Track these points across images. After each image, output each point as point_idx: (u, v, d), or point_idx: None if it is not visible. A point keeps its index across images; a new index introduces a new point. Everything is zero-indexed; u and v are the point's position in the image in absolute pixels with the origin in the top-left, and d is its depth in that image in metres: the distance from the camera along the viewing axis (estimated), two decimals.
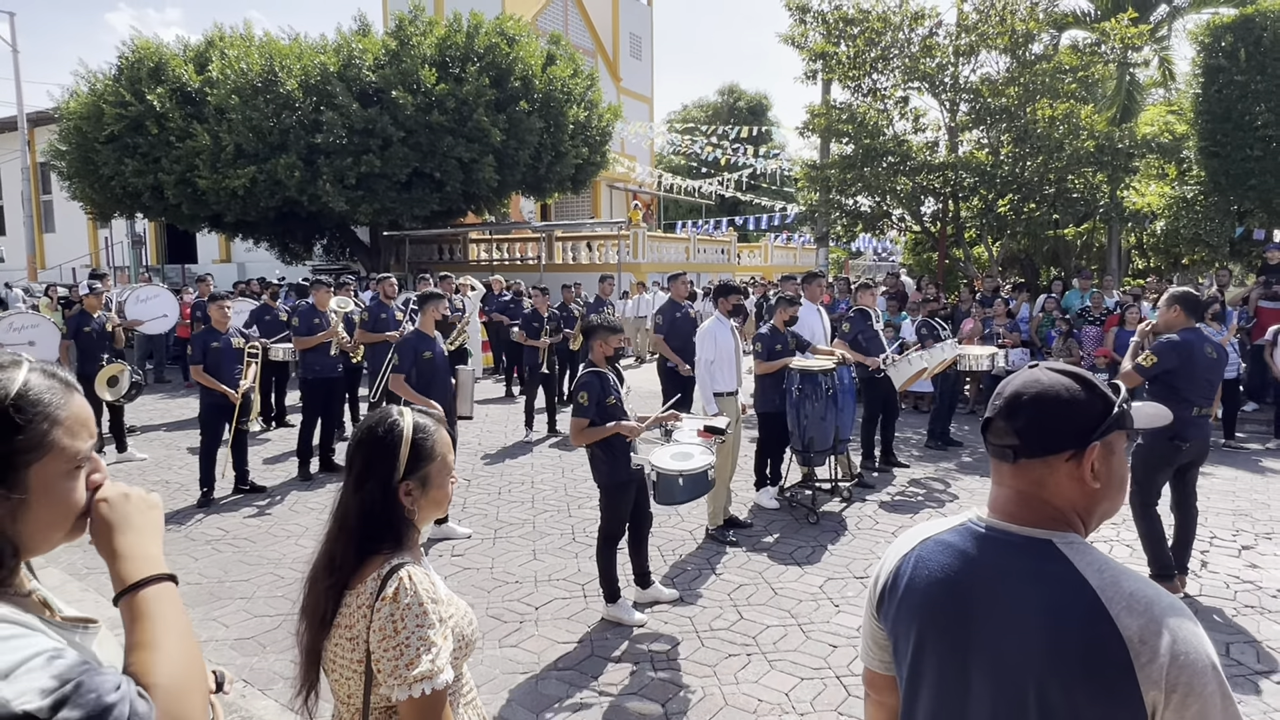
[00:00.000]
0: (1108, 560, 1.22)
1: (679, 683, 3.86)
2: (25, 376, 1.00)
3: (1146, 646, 1.11)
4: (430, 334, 6.10)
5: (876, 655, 1.51)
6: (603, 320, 4.60)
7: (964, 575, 1.29)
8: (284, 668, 4.00)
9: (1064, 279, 14.03)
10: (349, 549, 1.64)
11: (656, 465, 4.51)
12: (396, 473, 1.65)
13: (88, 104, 16.90)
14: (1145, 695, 1.11)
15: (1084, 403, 1.25)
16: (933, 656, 1.32)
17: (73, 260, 26.31)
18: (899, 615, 1.38)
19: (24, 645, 0.88)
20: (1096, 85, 14.09)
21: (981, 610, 1.25)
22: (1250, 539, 5.79)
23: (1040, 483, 1.27)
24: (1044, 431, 1.25)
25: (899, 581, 1.39)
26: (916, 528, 1.45)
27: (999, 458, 1.32)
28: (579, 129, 18.48)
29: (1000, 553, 1.28)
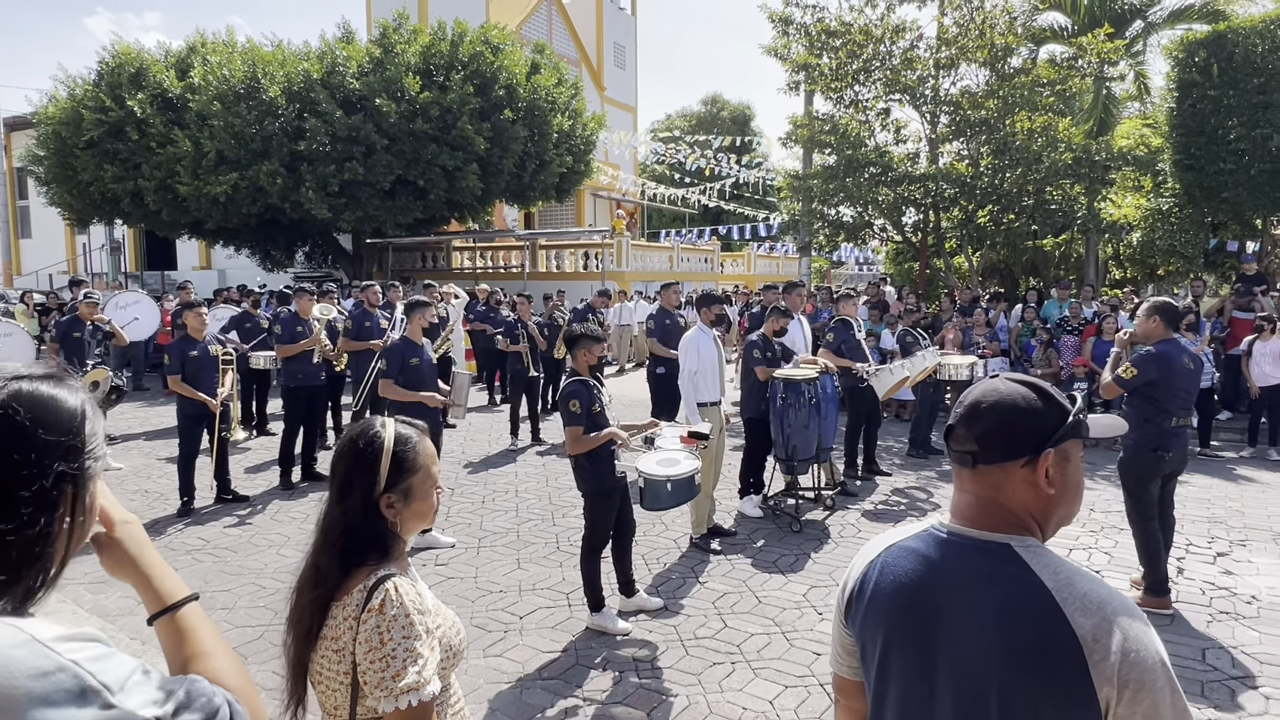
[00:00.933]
0: (1063, 562, 1.27)
1: (663, 691, 3.87)
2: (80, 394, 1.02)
3: (1099, 644, 1.16)
4: (418, 341, 6.11)
5: (845, 661, 1.53)
6: (585, 330, 4.62)
7: (927, 580, 1.33)
8: (266, 678, 3.97)
9: (1042, 289, 14.21)
10: (333, 562, 1.64)
11: (643, 471, 4.53)
12: (378, 485, 1.65)
13: (67, 109, 16.75)
14: (1099, 691, 1.15)
15: (1040, 411, 1.31)
16: (898, 661, 1.35)
17: (50, 266, 25.99)
18: (865, 621, 1.41)
19: (122, 662, 0.91)
20: (1074, 99, 14.30)
21: (943, 614, 1.29)
22: (1225, 546, 5.89)
23: (997, 487, 1.31)
24: (1001, 438, 1.31)
25: (865, 587, 1.42)
26: (883, 534, 1.48)
27: (959, 463, 1.37)
28: (563, 138, 18.51)
29: (961, 557, 1.32)
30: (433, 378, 6.19)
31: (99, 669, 0.89)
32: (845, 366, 7.43)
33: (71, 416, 0.99)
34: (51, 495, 0.96)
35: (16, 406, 0.95)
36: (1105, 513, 6.62)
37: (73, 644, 0.90)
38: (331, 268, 21.68)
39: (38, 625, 0.92)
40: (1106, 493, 7.20)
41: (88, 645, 0.91)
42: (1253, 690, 3.87)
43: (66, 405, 0.99)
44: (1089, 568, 5.42)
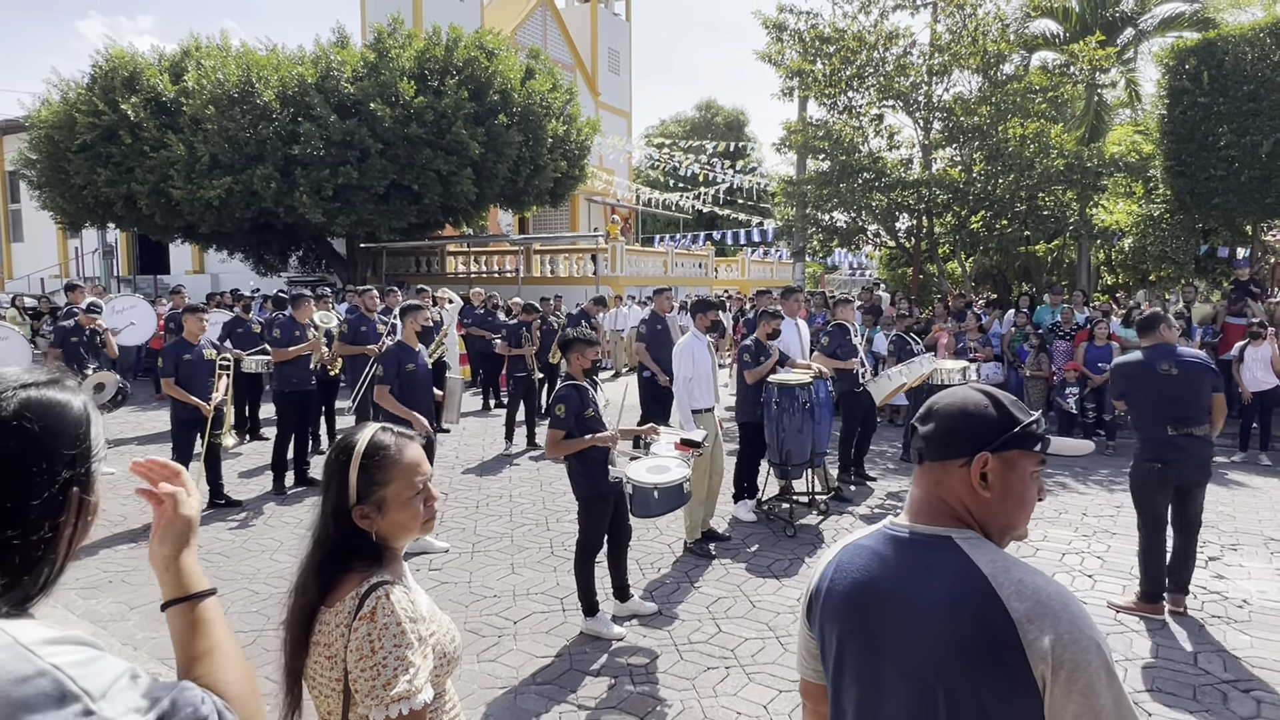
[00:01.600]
0: (1002, 553, 1.32)
1: (657, 696, 3.87)
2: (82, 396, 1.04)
3: (1033, 625, 1.19)
4: (413, 346, 6.10)
5: (809, 664, 1.55)
6: (579, 333, 4.62)
7: (876, 576, 1.37)
8: (259, 684, 3.96)
9: (1035, 294, 14.28)
10: (313, 570, 1.64)
11: (632, 478, 4.53)
12: (348, 497, 1.63)
13: (60, 113, 16.70)
14: (1034, 671, 1.19)
15: (985, 417, 1.36)
16: (852, 657, 1.39)
17: (42, 270, 25.88)
18: (823, 620, 1.44)
19: (108, 666, 0.91)
20: (1066, 105, 14.41)
21: (890, 608, 1.33)
22: (1216, 550, 5.91)
23: (938, 483, 1.37)
24: (943, 437, 1.37)
25: (822, 586, 1.46)
26: (843, 538, 1.51)
27: (914, 460, 1.45)
28: (557, 143, 18.54)
29: (905, 551, 1.36)
30: (428, 383, 6.18)
31: (81, 674, 0.88)
32: (842, 369, 7.47)
33: (78, 422, 1.00)
34: (59, 501, 0.97)
35: (28, 415, 0.96)
36: (1098, 517, 6.64)
37: (57, 647, 0.90)
38: (325, 272, 21.65)
39: (22, 628, 0.92)
40: (1099, 497, 7.22)
41: (73, 649, 0.91)
42: (1244, 694, 3.88)
43: (73, 411, 1.00)
44: (1081, 572, 5.45)
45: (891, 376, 7.29)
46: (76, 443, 0.99)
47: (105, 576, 5.42)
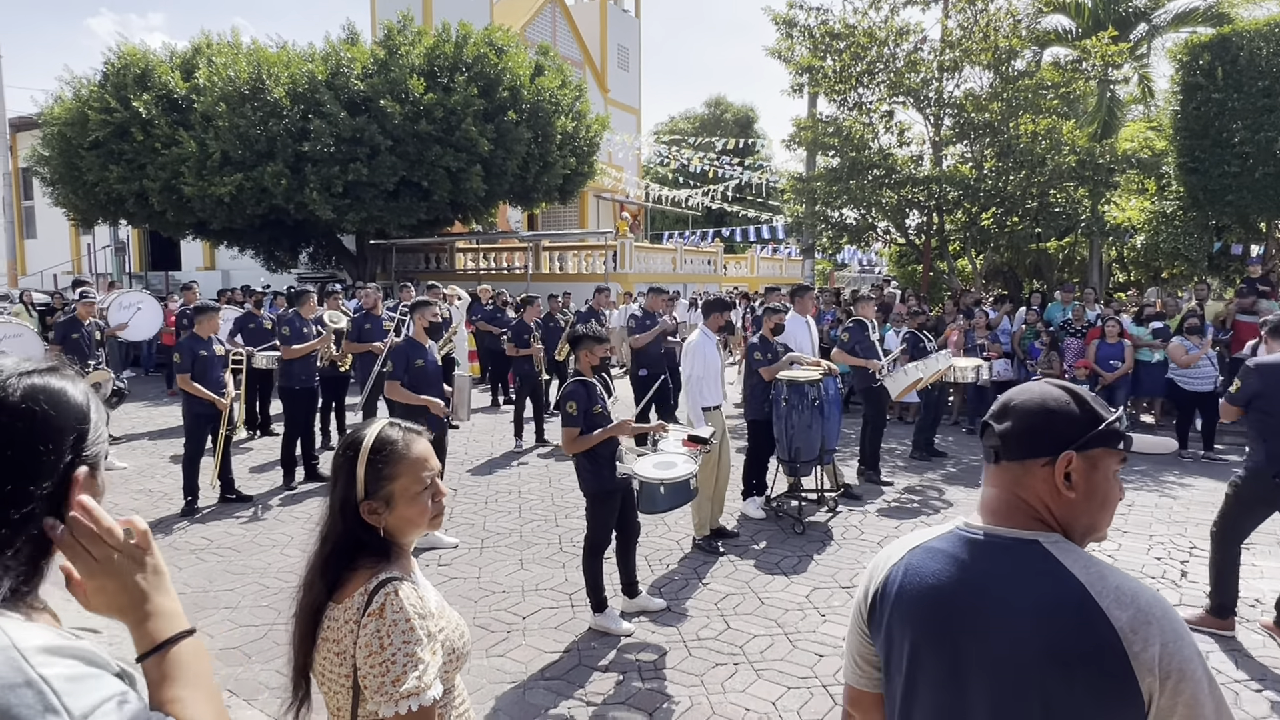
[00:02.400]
0: (1092, 557, 1.27)
1: (665, 692, 3.87)
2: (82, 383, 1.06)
3: (1138, 636, 1.16)
4: (423, 342, 6.13)
5: (864, 672, 1.49)
6: (588, 330, 4.65)
7: (955, 580, 1.31)
8: (269, 678, 3.98)
9: (1046, 292, 14.19)
10: (322, 564, 1.64)
11: (639, 474, 4.54)
12: (355, 492, 1.63)
13: (72, 110, 16.80)
14: (1141, 684, 1.15)
15: (1068, 414, 1.30)
16: (928, 665, 1.32)
17: (54, 267, 26.05)
18: (891, 625, 1.38)
19: (98, 687, 0.90)
20: (1078, 101, 14.30)
21: (974, 614, 1.27)
22: None
23: (1018, 484, 1.32)
24: (1023, 435, 1.31)
25: (889, 591, 1.39)
26: (904, 538, 1.46)
27: (986, 458, 1.38)
28: (567, 139, 18.54)
29: (989, 556, 1.30)
30: (438, 379, 6.20)
31: (68, 689, 0.88)
32: (860, 366, 7.49)
33: (80, 407, 1.03)
34: (64, 483, 0.99)
35: (36, 399, 0.99)
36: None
37: (52, 658, 0.90)
38: (335, 269, 21.72)
39: (24, 631, 0.92)
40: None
41: (68, 663, 0.91)
42: (1257, 694, 3.86)
43: (74, 397, 1.03)
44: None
45: (908, 372, 7.29)
46: (80, 425, 1.02)
47: None
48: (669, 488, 4.48)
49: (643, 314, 8.43)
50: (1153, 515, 6.72)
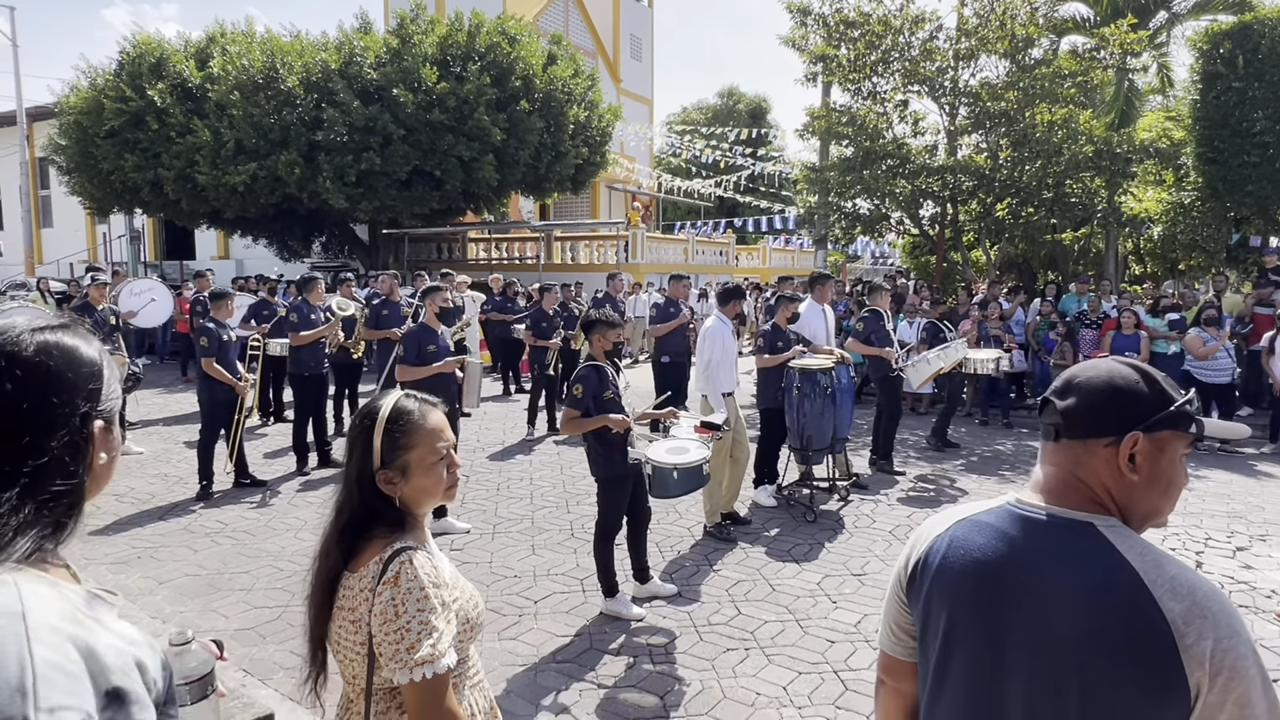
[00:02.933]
0: (1149, 545, 1.22)
1: (676, 676, 3.88)
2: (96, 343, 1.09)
3: (1191, 629, 1.12)
4: (435, 328, 6.15)
5: (899, 640, 1.48)
6: (602, 315, 4.64)
7: (1001, 556, 1.28)
8: (284, 658, 4.02)
9: (1061, 283, 14.09)
10: (338, 534, 1.65)
11: (651, 458, 4.54)
12: (372, 462, 1.64)
13: (88, 99, 16.88)
14: (1190, 677, 1.12)
15: (1137, 394, 1.26)
16: (965, 638, 1.31)
17: (70, 255, 26.26)
18: (931, 595, 1.36)
19: (77, 693, 0.89)
20: (1095, 91, 14.16)
21: (1020, 591, 1.25)
22: (1245, 540, 5.83)
23: (1078, 463, 1.27)
24: (1087, 413, 1.27)
25: (931, 561, 1.36)
26: (950, 509, 1.43)
27: (1044, 435, 1.34)
28: (579, 129, 18.50)
29: (1040, 534, 1.27)
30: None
31: (48, 676, 0.87)
32: (876, 356, 7.47)
33: (92, 362, 1.05)
34: (81, 435, 1.01)
35: (49, 353, 1.00)
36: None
37: (56, 640, 0.89)
38: (348, 258, 21.80)
39: (42, 603, 0.92)
40: None
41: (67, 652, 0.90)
42: (1274, 684, 3.83)
43: (88, 352, 1.06)
44: None
45: (930, 360, 7.27)
46: (93, 379, 1.04)
47: (134, 552, 5.51)
48: (682, 473, 4.47)
49: (665, 301, 8.45)
50: None
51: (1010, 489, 1.38)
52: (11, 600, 0.90)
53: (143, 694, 0.97)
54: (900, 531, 5.96)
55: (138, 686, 0.97)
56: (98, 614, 1.00)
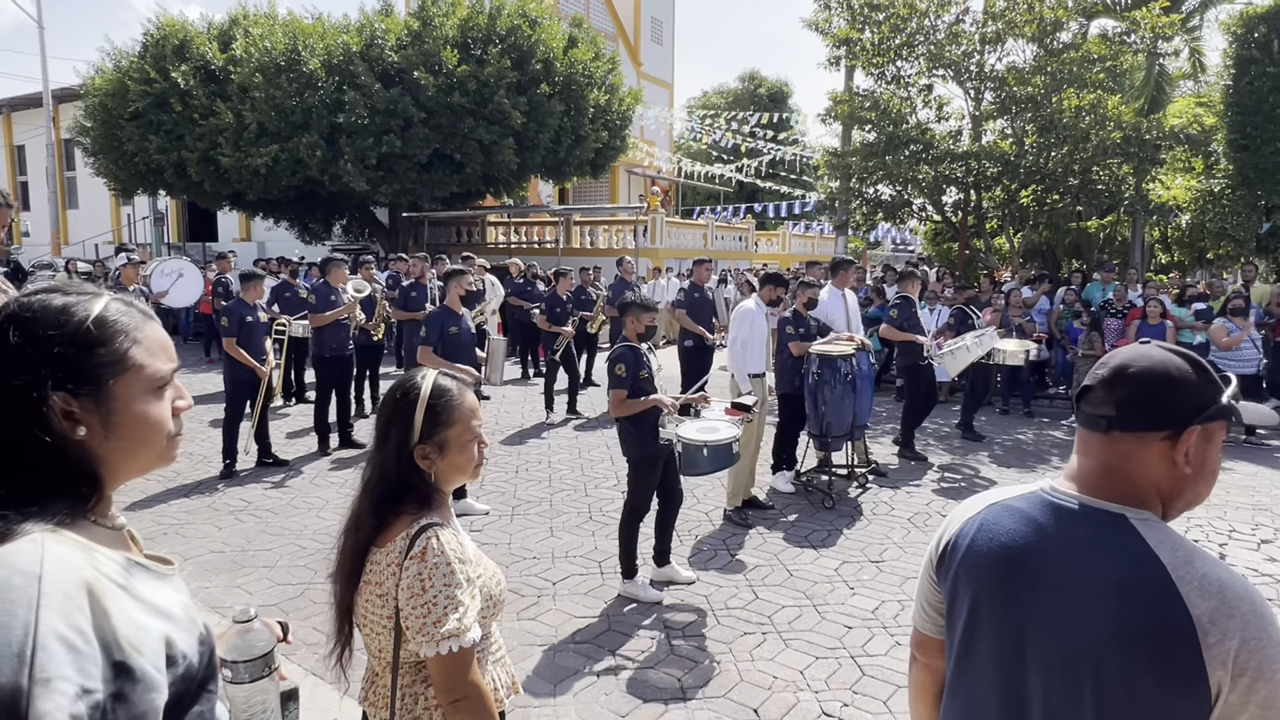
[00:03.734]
0: (1183, 540, 1.20)
1: (695, 658, 3.90)
2: (105, 303, 1.05)
3: (1216, 628, 1.11)
4: (457, 310, 6.17)
5: (929, 618, 1.49)
6: (637, 298, 4.68)
7: (1030, 542, 1.28)
8: (306, 634, 4.08)
9: (1085, 272, 13.91)
10: (367, 508, 1.67)
11: (682, 436, 4.56)
12: (412, 436, 1.66)
13: (112, 81, 17.01)
14: (1210, 676, 1.10)
15: (1193, 385, 1.22)
16: (988, 620, 1.31)
17: (96, 237, 26.57)
18: (958, 576, 1.37)
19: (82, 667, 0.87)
20: (1125, 75, 13.89)
21: (1045, 578, 1.24)
22: (1270, 533, 5.76)
23: (1128, 458, 1.24)
24: (1144, 406, 1.23)
25: (961, 543, 1.37)
26: (985, 493, 1.43)
27: (1090, 427, 1.28)
28: (599, 113, 18.42)
29: (1070, 523, 1.26)
30: (471, 347, 6.26)
31: (48, 647, 0.85)
32: (908, 341, 7.44)
33: (79, 324, 1.00)
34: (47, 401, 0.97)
35: (21, 316, 0.99)
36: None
37: (66, 609, 0.88)
38: (368, 241, 21.90)
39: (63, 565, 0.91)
40: None
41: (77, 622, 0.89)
42: None
43: (75, 314, 1.01)
44: None
45: (970, 348, 7.21)
46: (75, 345, 0.99)
47: (160, 528, 5.60)
48: (711, 450, 4.47)
49: (690, 286, 8.50)
50: None
51: (1031, 478, 1.37)
52: (33, 562, 0.89)
53: (153, 675, 0.94)
54: (919, 519, 5.94)
55: (148, 667, 0.94)
56: (132, 583, 0.99)
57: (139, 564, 1.04)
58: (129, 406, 1.03)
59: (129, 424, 1.03)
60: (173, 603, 1.05)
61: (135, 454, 1.06)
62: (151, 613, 0.99)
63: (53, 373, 0.98)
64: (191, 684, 1.02)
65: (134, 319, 1.06)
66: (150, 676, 0.94)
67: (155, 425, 1.06)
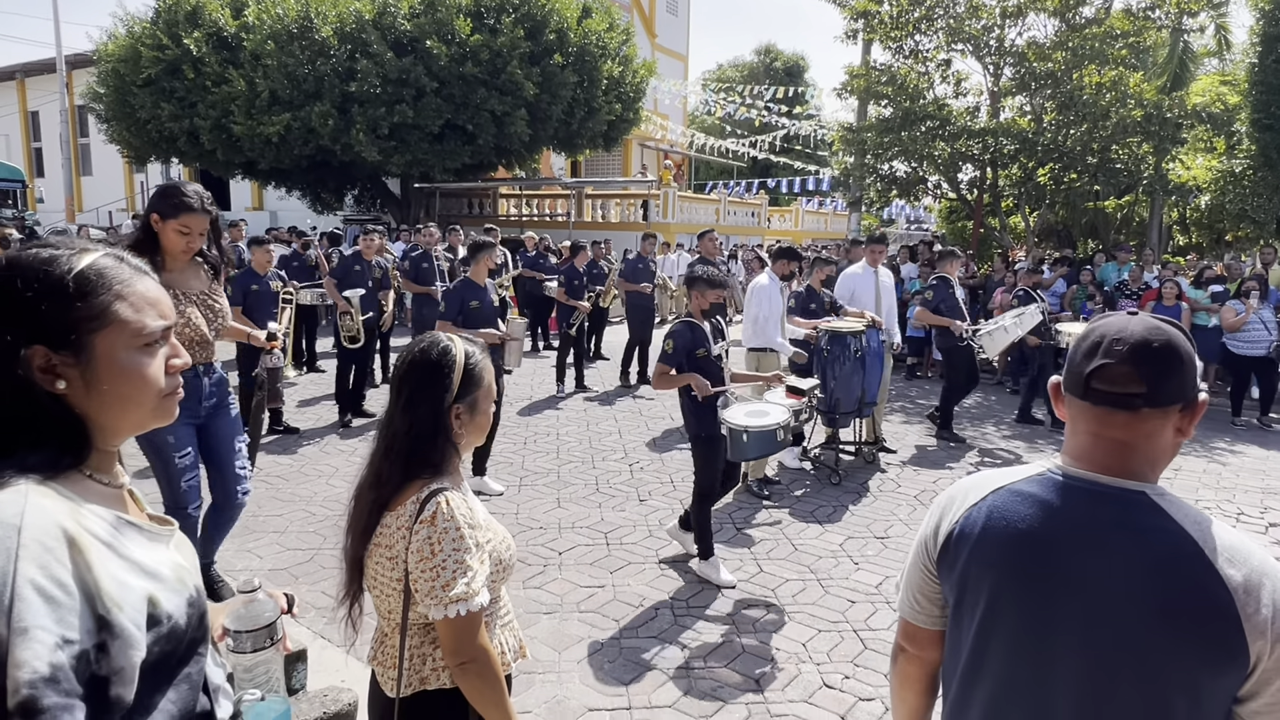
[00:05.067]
0: (1200, 511, 1.22)
1: (696, 629, 3.94)
2: (93, 257, 1.03)
3: (1251, 598, 1.11)
4: (480, 283, 5.86)
5: (923, 609, 1.43)
6: (705, 273, 4.45)
7: (1052, 527, 1.25)
8: (315, 598, 4.14)
9: (1103, 252, 13.77)
10: (395, 468, 1.67)
11: (727, 420, 4.40)
12: (449, 396, 1.68)
13: (125, 47, 16.97)
14: (1251, 646, 1.11)
15: (1192, 357, 1.25)
16: (1012, 611, 1.27)
17: (109, 204, 26.67)
18: (969, 569, 1.31)
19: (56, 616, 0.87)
20: (1148, 52, 13.65)
21: (1073, 564, 1.21)
22: (1278, 517, 5.75)
23: (1151, 434, 1.23)
24: (1172, 380, 1.22)
25: (969, 532, 1.31)
26: (981, 476, 1.38)
27: (1118, 405, 1.23)
28: (612, 85, 18.26)
29: (1091, 505, 1.24)
30: (492, 321, 5.97)
31: (26, 597, 0.86)
32: (943, 325, 7.32)
33: (60, 278, 0.99)
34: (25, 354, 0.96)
35: (6, 269, 0.99)
36: None
37: (46, 560, 0.88)
38: (380, 211, 21.89)
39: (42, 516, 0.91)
40: None
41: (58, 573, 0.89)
42: None
43: (58, 268, 1.00)
44: None
45: (1009, 329, 7.12)
46: (43, 300, 0.98)
47: None
48: (753, 435, 4.29)
49: (698, 260, 8.38)
50: (1200, 480, 6.59)
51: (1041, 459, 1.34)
52: (14, 513, 0.89)
53: (132, 632, 0.94)
54: (925, 496, 5.95)
55: (128, 623, 0.94)
56: (120, 541, 0.99)
57: (131, 523, 1.03)
58: (111, 362, 1.01)
59: (112, 379, 1.02)
60: (163, 563, 1.04)
61: (123, 410, 1.04)
62: (136, 571, 0.99)
63: (31, 325, 0.97)
64: (179, 644, 1.03)
65: (123, 274, 1.04)
66: (129, 633, 0.94)
67: (142, 381, 1.05)
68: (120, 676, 0.92)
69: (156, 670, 0.99)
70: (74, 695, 0.87)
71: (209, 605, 1.11)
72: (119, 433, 1.07)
